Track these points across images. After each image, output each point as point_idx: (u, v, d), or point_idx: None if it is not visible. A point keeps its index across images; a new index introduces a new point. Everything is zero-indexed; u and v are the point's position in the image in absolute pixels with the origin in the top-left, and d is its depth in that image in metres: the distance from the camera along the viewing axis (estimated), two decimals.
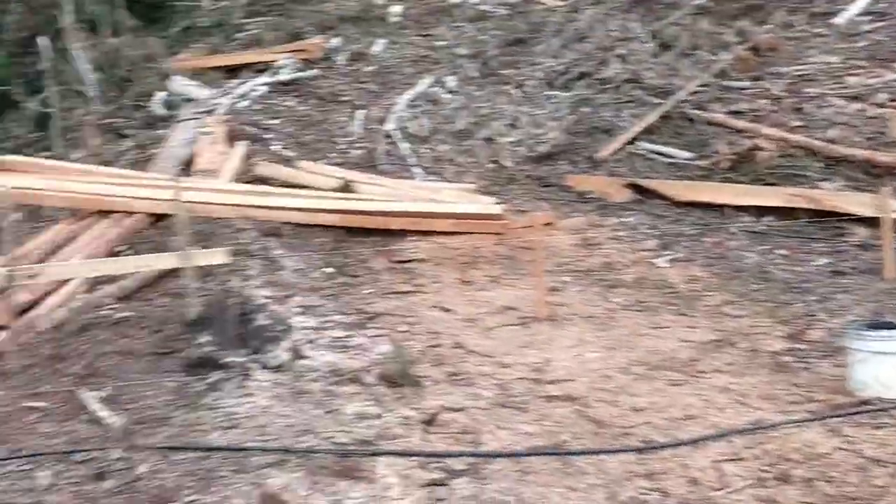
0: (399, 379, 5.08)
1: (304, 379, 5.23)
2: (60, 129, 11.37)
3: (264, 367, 5.31)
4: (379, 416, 4.71)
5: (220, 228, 7.88)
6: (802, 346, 5.83)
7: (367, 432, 4.50)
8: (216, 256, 6.33)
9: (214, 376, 5.23)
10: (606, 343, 5.97)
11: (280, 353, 5.40)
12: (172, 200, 6.33)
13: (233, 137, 10.18)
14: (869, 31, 11.40)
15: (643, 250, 8.06)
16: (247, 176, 9.41)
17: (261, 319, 5.58)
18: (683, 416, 4.68)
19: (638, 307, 6.68)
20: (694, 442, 4.35)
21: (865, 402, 4.75)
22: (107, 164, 10.34)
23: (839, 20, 11.62)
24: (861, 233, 8.12)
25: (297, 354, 5.47)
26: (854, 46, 11.17)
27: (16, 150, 10.86)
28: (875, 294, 6.81)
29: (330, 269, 7.57)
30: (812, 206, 8.53)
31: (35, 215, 9.23)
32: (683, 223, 8.72)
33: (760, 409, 4.78)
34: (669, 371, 5.43)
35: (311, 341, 5.88)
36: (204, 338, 5.45)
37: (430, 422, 4.57)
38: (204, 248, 7.30)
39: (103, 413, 4.85)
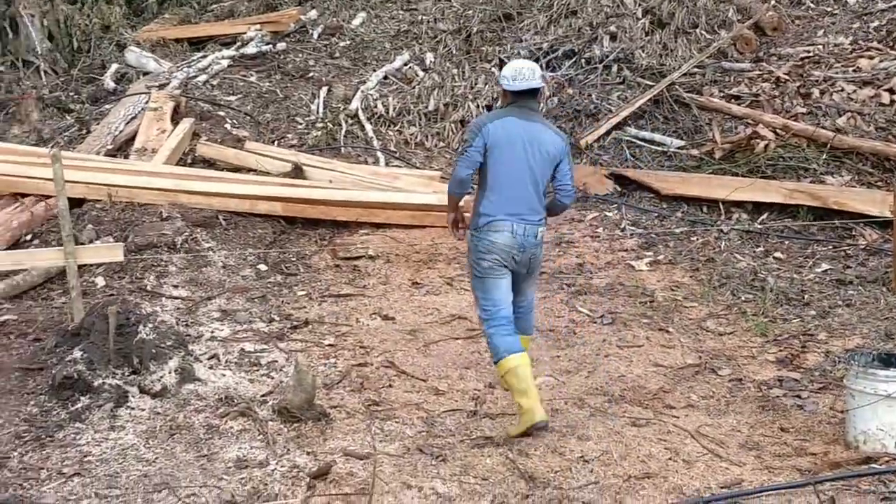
0: (299, 412, 4.17)
1: (188, 409, 4.33)
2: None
3: (143, 392, 4.42)
4: (262, 465, 3.81)
5: (144, 216, 6.96)
6: (796, 375, 4.90)
7: (240, 488, 3.60)
8: (110, 252, 5.36)
9: (83, 402, 4.34)
10: (563, 365, 5.06)
11: (164, 375, 4.48)
12: (51, 180, 5.20)
13: (181, 114, 9.26)
14: (884, 10, 10.39)
15: (622, 250, 7.13)
16: (189, 157, 8.51)
17: (146, 332, 4.63)
18: (640, 474, 3.76)
19: (606, 319, 5.76)
20: None
21: (870, 460, 3.82)
22: (45, 141, 9.46)
23: None
24: (870, 236, 7.17)
25: (187, 376, 4.56)
26: (867, 27, 10.16)
27: None
28: (884, 310, 5.86)
29: (264, 267, 6.67)
30: (815, 204, 7.58)
31: None
32: (670, 220, 7.77)
33: (738, 463, 3.87)
34: (632, 405, 4.52)
35: (214, 356, 4.98)
36: (77, 353, 4.54)
37: (319, 475, 3.65)
38: (122, 238, 6.50)
39: None
